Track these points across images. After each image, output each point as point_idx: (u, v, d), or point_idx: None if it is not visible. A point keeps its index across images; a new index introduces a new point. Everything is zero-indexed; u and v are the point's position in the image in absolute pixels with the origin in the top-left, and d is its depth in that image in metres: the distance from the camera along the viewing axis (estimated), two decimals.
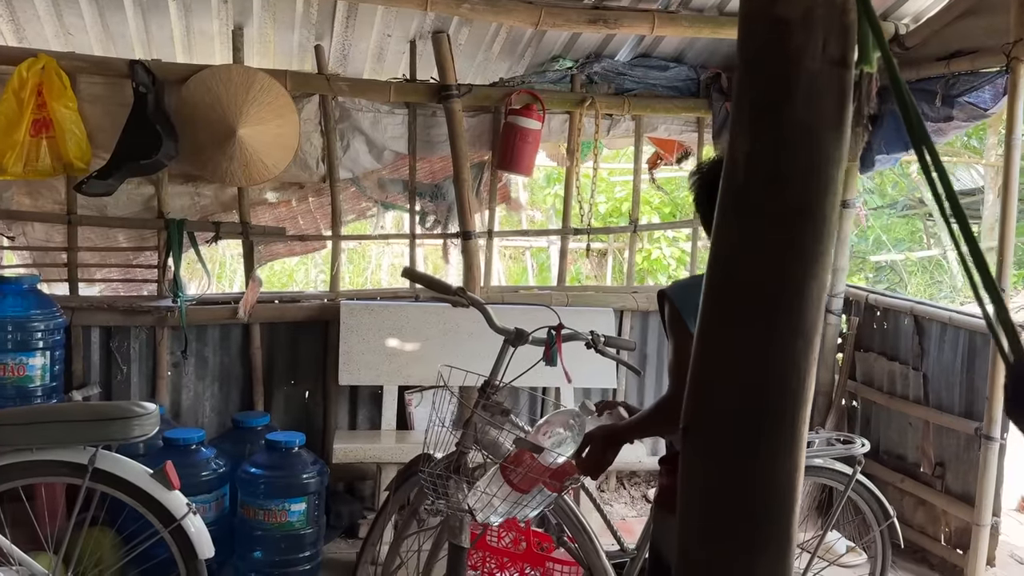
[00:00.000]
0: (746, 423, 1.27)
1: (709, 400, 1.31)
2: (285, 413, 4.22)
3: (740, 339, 1.27)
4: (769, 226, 1.25)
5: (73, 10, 3.80)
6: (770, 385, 1.25)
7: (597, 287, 5.33)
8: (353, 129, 4.18)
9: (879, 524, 2.99)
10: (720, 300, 1.29)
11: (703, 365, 1.32)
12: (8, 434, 2.21)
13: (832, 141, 1.23)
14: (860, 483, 2.89)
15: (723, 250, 1.30)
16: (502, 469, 2.21)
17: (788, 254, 1.24)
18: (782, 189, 1.24)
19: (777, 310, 1.25)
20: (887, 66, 1.13)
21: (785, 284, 1.24)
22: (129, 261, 4.15)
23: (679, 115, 4.60)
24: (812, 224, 1.23)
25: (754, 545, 1.28)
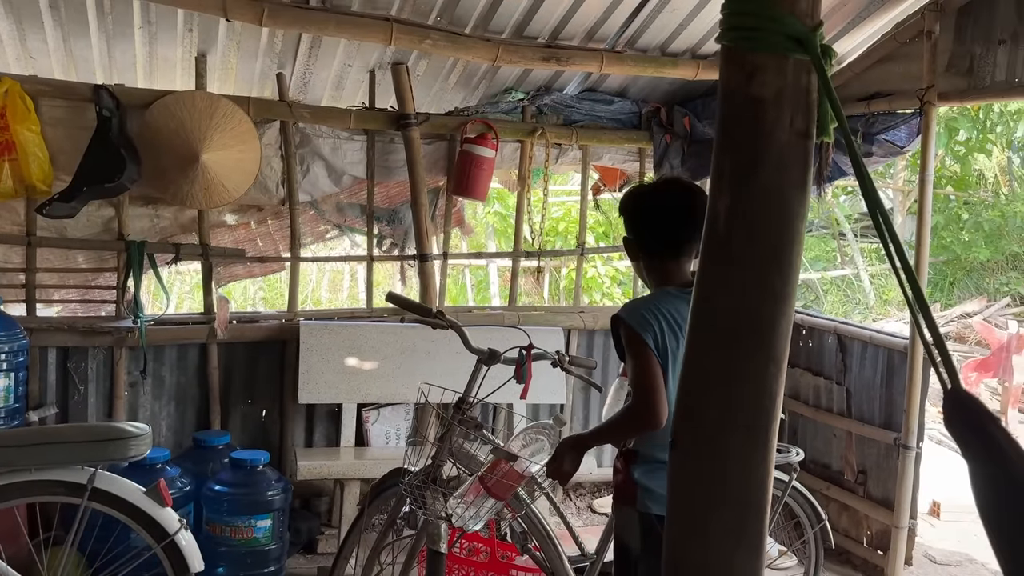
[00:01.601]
0: (726, 437, 1.49)
1: (694, 417, 1.53)
2: (242, 431, 4.29)
3: (721, 365, 1.49)
4: (745, 270, 1.48)
5: (37, 35, 3.83)
6: (747, 404, 1.48)
7: (546, 307, 5.55)
8: (313, 154, 4.30)
9: (812, 527, 3.27)
10: (704, 332, 1.52)
11: (689, 387, 1.54)
12: (8, 455, 2.27)
13: (797, 199, 1.48)
14: (795, 489, 3.17)
15: (706, 289, 1.52)
16: (481, 478, 2.40)
17: (761, 294, 1.47)
18: (756, 239, 1.47)
19: (752, 341, 1.48)
20: (847, 142, 1.37)
21: (759, 319, 1.48)
22: (88, 282, 4.18)
23: (622, 146, 4.88)
24: (781, 269, 1.47)
25: (734, 541, 1.50)
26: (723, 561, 1.50)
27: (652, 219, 2.22)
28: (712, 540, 1.50)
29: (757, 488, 1.50)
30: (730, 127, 1.50)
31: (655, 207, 2.24)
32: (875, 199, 1.28)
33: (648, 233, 2.23)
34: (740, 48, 1.46)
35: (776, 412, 1.50)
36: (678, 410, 1.55)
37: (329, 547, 4.09)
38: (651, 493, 2.19)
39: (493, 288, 8.85)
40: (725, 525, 1.49)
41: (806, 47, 1.41)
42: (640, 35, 4.30)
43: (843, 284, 11.61)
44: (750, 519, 1.50)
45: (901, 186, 11.37)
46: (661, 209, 2.22)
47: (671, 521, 1.57)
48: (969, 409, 1.14)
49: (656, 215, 2.22)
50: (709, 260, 1.52)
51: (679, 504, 1.56)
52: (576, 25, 4.15)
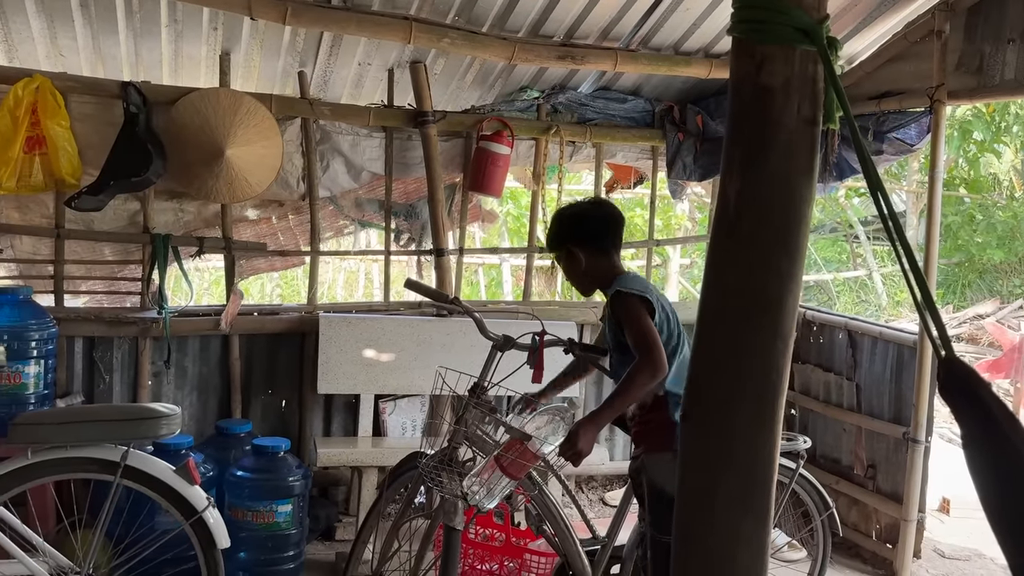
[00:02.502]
0: (734, 409, 1.57)
1: (704, 390, 1.61)
2: (262, 421, 4.39)
3: (730, 341, 1.57)
4: (754, 251, 1.56)
5: (68, 33, 3.94)
6: (755, 379, 1.56)
7: (560, 302, 5.63)
8: (333, 151, 4.40)
9: (820, 514, 3.34)
10: (713, 310, 1.60)
11: (700, 362, 1.62)
12: (45, 432, 2.37)
13: (804, 184, 1.56)
14: (802, 476, 3.24)
15: (716, 269, 1.60)
16: (496, 457, 2.49)
17: (769, 274, 1.55)
18: (764, 222, 1.55)
19: (760, 318, 1.55)
20: (850, 127, 1.45)
21: (767, 298, 1.55)
22: (114, 274, 4.29)
23: (635, 144, 4.95)
24: (788, 250, 1.55)
25: (742, 510, 1.57)
26: (730, 529, 1.58)
27: (602, 225, 2.70)
28: (720, 509, 1.58)
29: (764, 459, 1.58)
30: (740, 115, 1.58)
31: (603, 216, 2.72)
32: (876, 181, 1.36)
33: (599, 237, 2.66)
34: (750, 40, 1.54)
35: (782, 387, 1.58)
36: (689, 384, 1.63)
37: (346, 534, 4.18)
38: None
39: (506, 287, 8.93)
40: (733, 494, 1.57)
41: (812, 38, 1.49)
42: (654, 34, 4.37)
43: (856, 285, 11.64)
44: (757, 489, 1.58)
45: (914, 188, 11.39)
46: (607, 217, 2.73)
47: (681, 492, 1.65)
48: (963, 377, 1.21)
49: (604, 222, 2.71)
50: (719, 241, 1.60)
51: (689, 474, 1.64)
52: (591, 24, 4.24)
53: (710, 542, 1.57)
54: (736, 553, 1.56)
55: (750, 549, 1.56)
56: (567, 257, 2.69)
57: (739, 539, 1.56)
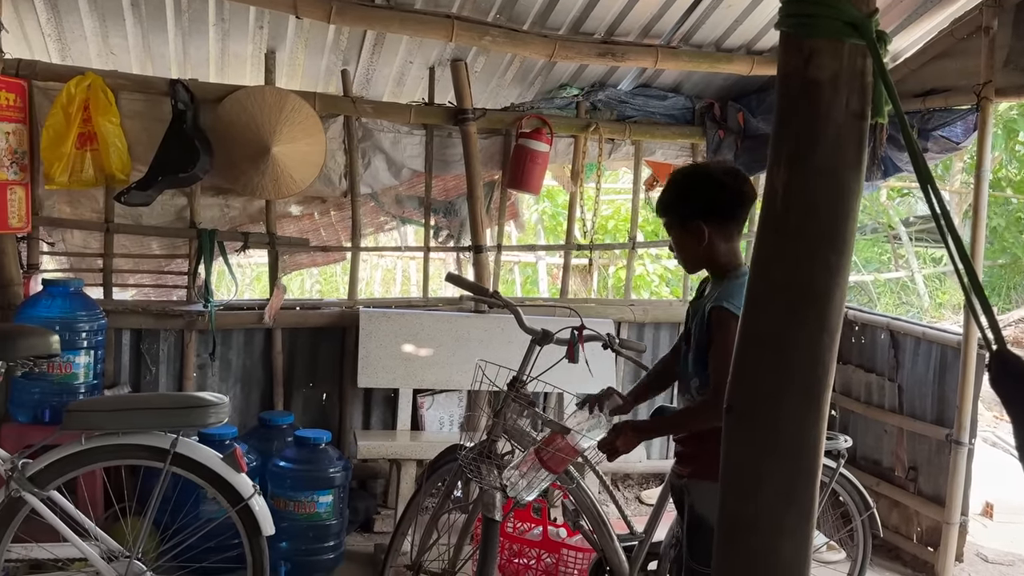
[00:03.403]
0: (780, 403, 1.58)
1: (749, 383, 1.62)
2: (304, 413, 4.46)
3: (776, 334, 1.58)
4: (801, 244, 1.56)
5: (119, 31, 4.05)
6: (800, 372, 1.56)
7: (597, 300, 5.64)
8: (374, 148, 4.46)
9: (860, 514, 3.31)
10: (760, 303, 1.60)
11: (745, 355, 1.62)
12: (99, 419, 2.44)
13: (852, 178, 1.55)
14: (842, 475, 3.21)
15: (763, 262, 1.61)
16: (536, 451, 2.50)
17: (816, 267, 1.55)
18: (812, 215, 1.55)
19: (807, 311, 1.56)
20: (900, 122, 1.45)
21: (814, 291, 1.56)
22: (161, 268, 4.38)
23: (675, 141, 4.94)
24: (835, 244, 1.55)
25: (786, 503, 1.58)
26: (774, 522, 1.58)
27: (739, 202, 2.29)
28: (764, 501, 1.58)
29: (809, 453, 1.58)
30: (788, 109, 1.58)
31: (743, 192, 2.29)
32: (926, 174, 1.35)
33: (732, 215, 2.29)
34: (798, 34, 1.55)
35: (828, 381, 1.58)
36: (734, 376, 1.64)
37: (385, 526, 4.23)
38: None
39: (542, 285, 8.95)
40: (777, 487, 1.58)
41: (861, 32, 1.49)
42: (695, 31, 4.36)
43: (897, 287, 11.46)
44: (802, 482, 1.58)
45: (957, 188, 11.18)
46: (746, 194, 2.30)
47: (725, 483, 1.65)
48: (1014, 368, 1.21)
49: (742, 199, 2.29)
50: (766, 234, 1.60)
51: (733, 466, 1.64)
52: (632, 21, 4.24)
53: (753, 535, 1.58)
54: (779, 546, 1.56)
55: (794, 542, 1.56)
56: (688, 229, 2.31)
57: (783, 532, 1.57)
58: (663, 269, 9.09)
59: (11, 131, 3.69)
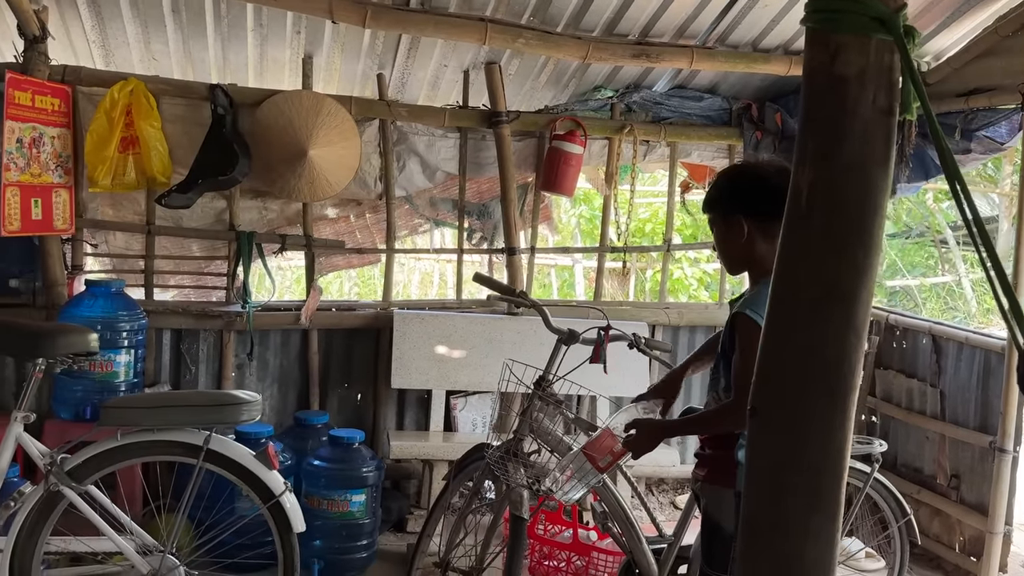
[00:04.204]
0: (805, 403, 1.55)
1: (774, 383, 1.59)
2: (339, 413, 4.50)
3: (802, 333, 1.55)
4: (827, 242, 1.53)
5: (160, 37, 4.14)
6: (826, 372, 1.54)
7: (632, 303, 5.61)
8: (409, 151, 4.49)
9: (897, 521, 3.24)
10: (785, 302, 1.58)
11: (770, 355, 1.60)
12: (135, 415, 2.50)
13: (880, 175, 1.52)
14: (878, 481, 3.15)
15: (789, 261, 1.58)
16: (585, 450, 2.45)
17: (843, 265, 1.53)
18: (838, 212, 1.53)
19: (834, 310, 1.53)
20: (927, 118, 1.42)
21: (840, 289, 1.53)
22: (201, 269, 4.47)
23: (711, 142, 4.90)
24: (863, 241, 1.52)
25: (812, 506, 1.55)
26: (799, 524, 1.55)
27: (780, 196, 2.09)
28: (788, 503, 1.55)
29: (834, 454, 1.55)
30: (814, 105, 1.56)
31: (783, 186, 2.11)
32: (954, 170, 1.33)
33: (773, 210, 2.08)
34: (824, 29, 1.52)
35: (855, 381, 1.55)
36: (758, 377, 1.61)
37: (417, 526, 4.25)
38: None
39: (578, 288, 8.93)
40: (801, 489, 1.55)
41: (888, 27, 1.46)
42: (731, 31, 4.33)
43: (943, 291, 11.21)
44: (827, 484, 1.55)
45: (1007, 191, 10.91)
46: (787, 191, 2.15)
47: (749, 485, 1.63)
48: None
49: (784, 193, 2.13)
50: (791, 232, 1.58)
51: (757, 468, 1.62)
52: (667, 22, 4.22)
53: (777, 537, 1.55)
54: (804, 549, 1.53)
55: (818, 545, 1.53)
56: (730, 225, 2.25)
57: (807, 535, 1.54)
58: (701, 273, 9.01)
59: (56, 135, 3.79)
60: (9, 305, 3.92)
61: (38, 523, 2.43)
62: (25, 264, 3.99)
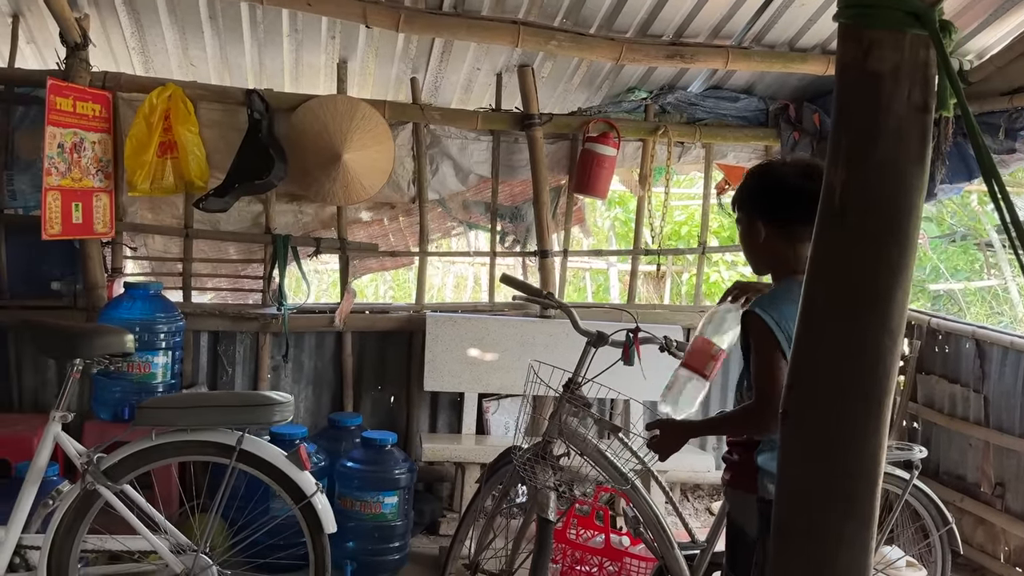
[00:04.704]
0: (839, 407, 1.52)
1: (807, 388, 1.56)
2: (372, 415, 4.52)
3: (836, 336, 1.52)
4: (861, 242, 1.50)
5: (198, 44, 4.20)
6: (861, 375, 1.50)
7: (667, 306, 5.56)
8: (442, 154, 4.51)
9: (938, 529, 3.16)
10: (819, 303, 1.55)
11: (803, 357, 1.57)
12: (169, 416, 2.53)
13: (915, 173, 1.49)
14: (918, 488, 3.07)
15: (822, 262, 1.55)
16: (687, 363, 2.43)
17: (878, 266, 1.49)
18: (872, 212, 1.49)
19: (868, 312, 1.49)
20: (963, 115, 1.38)
21: (875, 291, 1.49)
22: (238, 272, 4.52)
23: (748, 143, 4.84)
24: (898, 241, 1.48)
25: (846, 512, 1.51)
26: (832, 530, 1.52)
27: (799, 196, 2.08)
28: (822, 509, 1.52)
29: (869, 459, 1.51)
30: (847, 102, 1.53)
31: (803, 186, 2.09)
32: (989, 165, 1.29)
33: (792, 210, 2.13)
34: (857, 24, 1.49)
35: (889, 385, 1.51)
36: (790, 380, 1.58)
37: (450, 529, 4.23)
38: (773, 478, 2.18)
39: (613, 292, 8.88)
40: (835, 495, 1.51)
41: (923, 22, 1.43)
42: (767, 31, 4.27)
43: (988, 296, 10.95)
44: (861, 490, 1.51)
45: None
46: (809, 189, 1.93)
47: (781, 491, 1.60)
48: None
49: (804, 193, 2.03)
50: (824, 232, 1.54)
51: (790, 473, 1.59)
52: (701, 22, 4.18)
53: (809, 544, 1.52)
54: (837, 555, 1.50)
55: (852, 552, 1.49)
56: (747, 223, 2.23)
57: (841, 541, 1.50)
58: (739, 275, 8.90)
59: (97, 140, 3.86)
60: (51, 307, 4.01)
61: (75, 521, 2.48)
62: (66, 267, 4.08)
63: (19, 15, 4.00)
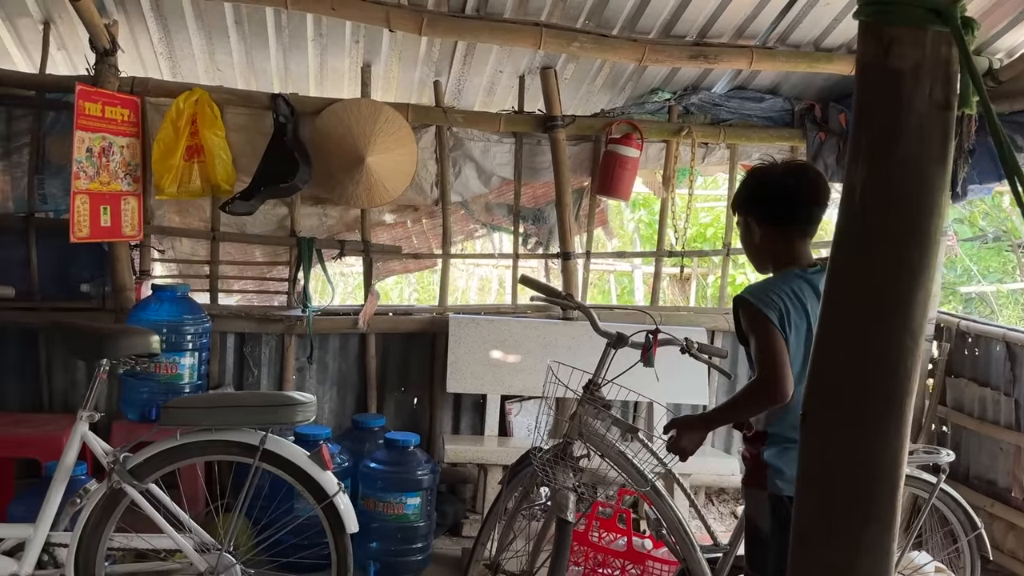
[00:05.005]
0: (860, 408, 1.50)
1: (827, 390, 1.54)
2: (396, 417, 4.54)
3: (856, 336, 1.50)
4: (882, 243, 1.48)
5: (224, 49, 4.25)
6: (882, 376, 1.48)
7: (690, 308, 5.53)
8: (465, 157, 4.52)
9: (966, 534, 3.11)
10: (839, 303, 1.53)
11: (823, 359, 1.55)
12: (194, 416, 2.56)
13: (937, 172, 1.47)
14: (946, 493, 3.02)
15: (842, 263, 1.54)
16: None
17: (898, 267, 1.47)
18: (893, 212, 1.47)
19: (889, 313, 1.47)
20: (986, 112, 1.36)
21: (896, 292, 1.47)
22: (263, 274, 4.56)
23: (773, 144, 4.80)
24: (919, 241, 1.46)
25: (866, 515, 1.49)
26: (853, 534, 1.50)
27: (789, 197, 2.28)
28: (842, 513, 1.50)
29: (890, 461, 1.49)
30: (867, 100, 1.51)
31: (792, 186, 2.28)
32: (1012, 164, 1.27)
33: (783, 210, 2.28)
34: (877, 22, 1.48)
35: (911, 387, 1.49)
36: (810, 382, 1.57)
37: (473, 531, 4.24)
38: (781, 474, 2.20)
39: (638, 294, 8.85)
40: (856, 498, 1.49)
41: (945, 19, 1.41)
42: (792, 30, 4.23)
43: (1022, 297, 10.75)
44: (882, 493, 1.49)
45: None
46: (798, 189, 2.28)
47: (800, 494, 1.58)
48: None
49: (793, 194, 2.28)
50: (844, 232, 1.53)
51: (809, 477, 1.57)
52: (725, 22, 4.15)
53: (828, 549, 1.50)
54: (857, 561, 1.48)
55: (872, 557, 1.47)
56: (744, 224, 2.36)
57: (860, 547, 1.48)
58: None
59: (125, 145, 3.92)
60: (80, 309, 4.07)
61: (102, 519, 2.51)
62: (96, 269, 4.14)
63: (50, 22, 4.08)
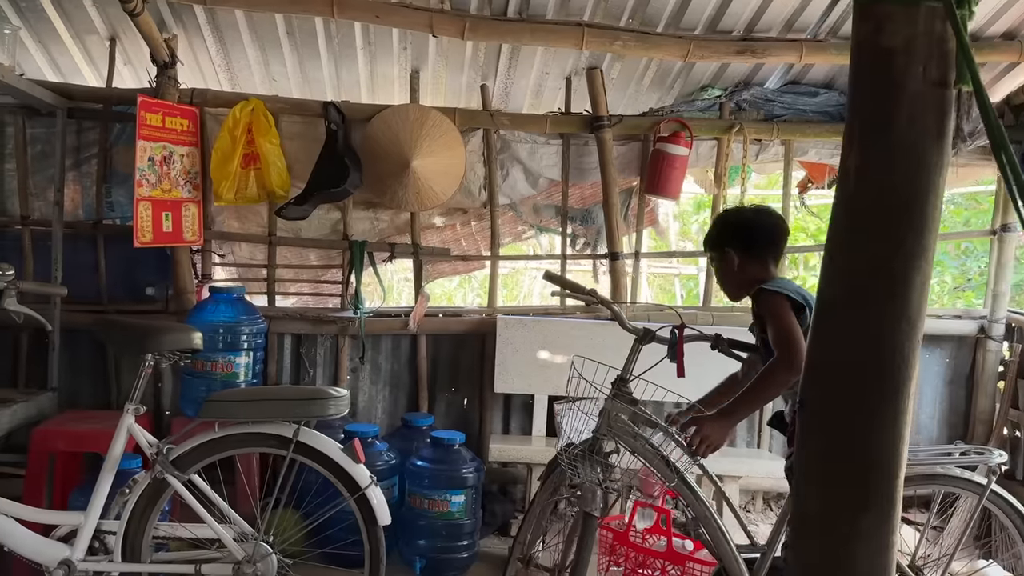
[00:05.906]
0: (855, 396, 1.47)
1: (822, 376, 1.52)
2: (446, 417, 4.60)
3: (850, 322, 1.47)
4: (876, 225, 1.45)
5: (277, 59, 4.40)
6: (877, 362, 1.45)
7: (744, 308, 5.42)
8: (512, 159, 4.55)
9: (1023, 538, 2.96)
10: (834, 287, 1.50)
11: (818, 345, 1.52)
12: (232, 409, 2.66)
13: (933, 151, 1.43)
14: (1000, 496, 2.89)
15: (836, 246, 1.51)
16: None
17: (892, 249, 1.44)
18: (886, 192, 1.44)
19: (883, 297, 1.44)
20: (975, 87, 1.32)
21: (890, 275, 1.44)
22: (318, 277, 4.69)
23: (830, 139, 4.67)
24: (912, 222, 1.43)
25: (862, 502, 1.46)
26: (849, 521, 1.47)
27: (764, 233, 2.70)
28: (836, 502, 1.48)
29: (887, 449, 1.46)
30: (860, 80, 1.49)
31: (768, 224, 2.72)
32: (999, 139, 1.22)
33: (758, 244, 2.67)
34: (869, 0, 1.45)
35: (908, 372, 1.45)
36: (807, 368, 1.54)
37: None
38: None
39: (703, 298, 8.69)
40: (852, 484, 1.47)
41: None
42: (844, 22, 4.13)
43: None
44: (879, 479, 1.46)
45: None
46: (771, 227, 2.74)
47: (797, 481, 1.56)
48: None
49: (768, 230, 2.72)
50: (839, 216, 1.51)
51: (807, 463, 1.55)
52: (773, 15, 4.08)
53: (824, 536, 1.48)
54: (854, 550, 1.45)
55: (869, 546, 1.44)
56: (721, 258, 2.72)
57: (858, 536, 1.45)
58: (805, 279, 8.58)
59: (185, 154, 4.10)
60: (145, 311, 4.27)
61: (147, 508, 2.63)
62: (160, 273, 4.33)
63: (116, 38, 4.30)
